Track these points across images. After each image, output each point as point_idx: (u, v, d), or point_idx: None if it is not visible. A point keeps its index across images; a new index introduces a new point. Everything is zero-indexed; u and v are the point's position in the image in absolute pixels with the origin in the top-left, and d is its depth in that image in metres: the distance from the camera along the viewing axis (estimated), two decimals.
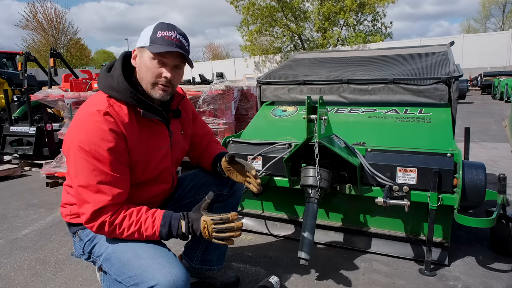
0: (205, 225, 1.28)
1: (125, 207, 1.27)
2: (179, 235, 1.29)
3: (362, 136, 2.17)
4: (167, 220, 1.28)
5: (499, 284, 1.78)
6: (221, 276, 1.82)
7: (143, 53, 1.34)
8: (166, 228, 1.27)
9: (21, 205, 3.45)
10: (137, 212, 1.27)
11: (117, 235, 1.26)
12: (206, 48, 55.77)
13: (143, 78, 1.35)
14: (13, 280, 2.03)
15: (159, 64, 1.33)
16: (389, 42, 24.62)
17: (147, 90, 1.36)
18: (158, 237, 1.27)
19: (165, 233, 1.27)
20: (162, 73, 1.34)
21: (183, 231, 1.28)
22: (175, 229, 1.28)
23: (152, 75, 1.33)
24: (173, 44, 1.31)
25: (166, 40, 1.31)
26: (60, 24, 30.54)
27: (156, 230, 1.26)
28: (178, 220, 1.29)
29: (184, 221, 1.29)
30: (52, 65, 6.13)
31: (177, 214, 1.31)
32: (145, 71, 1.34)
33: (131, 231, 1.25)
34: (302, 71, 3.04)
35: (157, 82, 1.35)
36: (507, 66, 19.40)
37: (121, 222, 1.24)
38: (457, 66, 2.42)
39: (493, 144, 5.35)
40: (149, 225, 1.26)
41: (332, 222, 2.28)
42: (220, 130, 3.39)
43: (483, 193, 1.78)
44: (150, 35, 1.32)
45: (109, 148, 1.23)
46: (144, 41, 1.33)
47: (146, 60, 1.33)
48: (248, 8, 25.90)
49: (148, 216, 1.27)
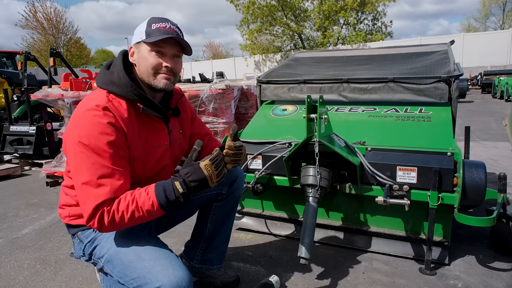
0: (209, 168, 1.25)
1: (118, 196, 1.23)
2: (177, 197, 1.24)
3: (362, 135, 2.17)
4: (160, 188, 1.23)
5: (499, 283, 1.78)
6: (221, 275, 1.82)
7: (140, 47, 1.34)
8: (162, 195, 1.22)
9: (21, 204, 3.45)
10: (130, 193, 1.23)
11: (118, 222, 1.20)
12: (206, 47, 55.87)
13: (144, 72, 1.35)
14: (13, 280, 2.03)
15: (158, 55, 1.33)
16: (389, 41, 24.59)
17: (149, 82, 1.36)
18: (159, 207, 1.22)
19: (163, 200, 1.22)
20: (162, 63, 1.34)
21: (181, 190, 1.23)
22: (171, 193, 1.23)
23: (152, 65, 1.33)
24: (168, 34, 1.32)
25: (161, 30, 1.31)
26: (60, 23, 30.55)
27: (154, 200, 1.21)
28: (171, 183, 1.25)
29: (178, 181, 1.25)
30: (52, 65, 6.12)
31: (169, 180, 1.27)
32: (144, 63, 1.34)
33: (130, 212, 1.20)
34: (302, 70, 3.04)
35: (158, 72, 1.35)
36: (507, 65, 19.35)
37: (118, 207, 1.20)
38: (457, 65, 2.42)
39: (493, 143, 5.34)
40: (144, 199, 1.21)
41: (332, 221, 2.28)
42: (220, 129, 3.39)
43: (483, 192, 1.78)
44: (145, 29, 1.32)
45: (109, 141, 1.22)
46: (139, 36, 1.33)
47: (144, 53, 1.33)
48: (248, 7, 25.88)
49: (141, 191, 1.23)
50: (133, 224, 1.23)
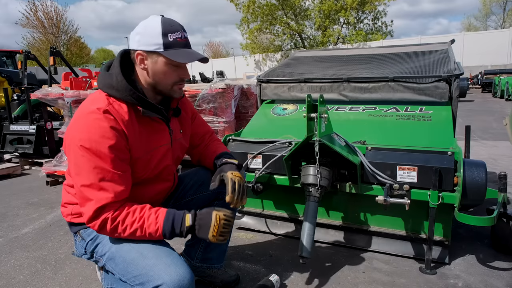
0: (218, 219, 1.28)
1: (128, 204, 1.26)
2: (182, 231, 1.27)
3: (363, 134, 2.17)
4: (170, 216, 1.27)
5: (499, 282, 1.78)
6: (222, 274, 1.82)
7: (157, 58, 1.32)
8: (169, 224, 1.26)
9: (21, 203, 3.45)
10: (140, 209, 1.26)
11: (118, 233, 1.24)
12: (206, 46, 55.81)
13: (160, 83, 1.37)
14: (13, 279, 2.03)
15: (175, 67, 1.35)
16: (389, 40, 24.55)
17: (166, 93, 1.40)
18: (161, 234, 1.25)
19: (168, 229, 1.26)
20: (180, 76, 1.38)
21: (190, 223, 1.27)
22: (178, 225, 1.27)
23: (172, 80, 1.37)
24: (189, 56, 1.34)
25: (179, 42, 1.32)
26: (61, 22, 30.51)
27: (160, 226, 1.24)
28: (182, 216, 1.29)
29: (189, 214, 1.29)
30: (52, 64, 6.13)
31: (181, 211, 1.31)
32: (162, 76, 1.35)
33: (133, 228, 1.23)
34: (303, 69, 3.04)
35: (176, 84, 1.39)
36: (507, 64, 19.33)
37: (124, 219, 1.23)
38: (457, 64, 2.42)
39: (493, 142, 5.34)
40: (152, 222, 1.24)
41: (333, 220, 2.28)
42: (220, 128, 3.38)
43: (484, 192, 1.78)
44: (161, 38, 1.28)
45: (110, 145, 1.22)
46: (154, 45, 1.29)
47: (161, 66, 1.33)
48: (248, 6, 25.83)
49: (152, 213, 1.26)
50: (129, 238, 1.26)
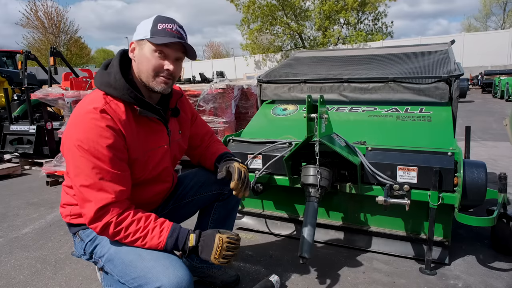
0: (220, 241, 1.28)
1: (132, 211, 1.25)
2: (184, 249, 1.27)
3: (363, 135, 2.17)
4: (175, 234, 1.26)
5: (499, 283, 1.78)
6: (222, 275, 1.82)
7: (143, 45, 1.32)
8: (172, 242, 1.25)
9: (22, 204, 3.45)
10: (145, 219, 1.25)
11: (119, 238, 1.24)
12: (206, 47, 55.85)
13: (143, 71, 1.34)
14: (13, 279, 2.03)
15: (161, 57, 1.32)
16: (389, 41, 24.56)
17: (147, 83, 1.35)
18: (162, 248, 1.25)
19: (170, 245, 1.25)
20: (164, 65, 1.33)
21: (192, 244, 1.27)
22: (181, 244, 1.27)
23: (153, 67, 1.32)
24: (174, 36, 1.31)
25: (167, 32, 1.30)
26: (61, 22, 30.51)
27: (162, 241, 1.24)
28: (186, 234, 1.28)
29: (194, 234, 1.29)
30: (52, 64, 6.13)
31: (185, 229, 1.30)
32: (146, 63, 1.32)
33: (135, 237, 1.23)
34: (303, 70, 3.04)
35: (158, 75, 1.34)
36: (507, 65, 19.34)
37: (128, 226, 1.22)
38: (457, 64, 2.42)
39: (493, 143, 5.34)
40: (155, 235, 1.24)
41: (333, 221, 2.28)
42: (220, 128, 3.39)
43: (484, 192, 1.78)
44: (151, 27, 1.30)
45: (108, 145, 1.22)
46: (143, 34, 1.31)
47: (146, 53, 1.31)
48: (248, 7, 25.85)
49: (157, 225, 1.25)
50: (129, 244, 1.26)
